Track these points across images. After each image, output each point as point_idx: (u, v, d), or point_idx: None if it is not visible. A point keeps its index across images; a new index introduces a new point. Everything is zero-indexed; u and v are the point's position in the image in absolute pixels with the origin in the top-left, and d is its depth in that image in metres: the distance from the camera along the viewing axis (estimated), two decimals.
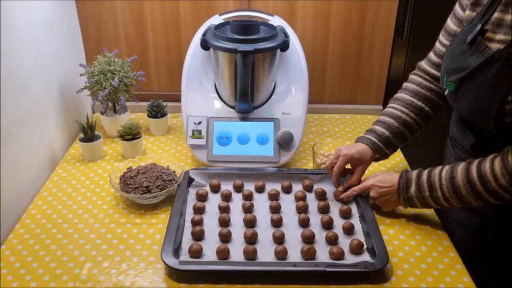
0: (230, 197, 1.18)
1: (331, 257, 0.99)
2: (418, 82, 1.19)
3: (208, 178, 1.24)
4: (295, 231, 1.07)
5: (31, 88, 1.23)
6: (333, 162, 1.18)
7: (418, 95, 1.18)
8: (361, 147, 1.16)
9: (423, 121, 1.18)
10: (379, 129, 1.17)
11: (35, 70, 1.25)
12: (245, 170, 1.26)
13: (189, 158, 1.38)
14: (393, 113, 1.18)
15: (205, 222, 1.10)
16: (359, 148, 1.16)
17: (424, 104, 1.17)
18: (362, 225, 1.09)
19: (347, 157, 1.16)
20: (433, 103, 1.17)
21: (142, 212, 1.15)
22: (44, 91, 1.31)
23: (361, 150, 1.16)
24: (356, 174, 1.17)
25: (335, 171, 1.17)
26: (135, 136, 1.35)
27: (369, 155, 1.16)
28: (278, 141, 1.30)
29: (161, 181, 1.17)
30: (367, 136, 1.18)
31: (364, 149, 1.16)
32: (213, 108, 1.35)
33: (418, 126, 1.18)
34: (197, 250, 0.99)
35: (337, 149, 1.19)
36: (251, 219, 1.09)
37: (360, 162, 1.17)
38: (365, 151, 1.16)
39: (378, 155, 1.18)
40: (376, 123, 1.20)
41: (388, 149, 1.17)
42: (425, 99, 1.17)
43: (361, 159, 1.16)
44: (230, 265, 0.96)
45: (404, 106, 1.17)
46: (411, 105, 1.17)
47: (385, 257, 0.97)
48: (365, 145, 1.16)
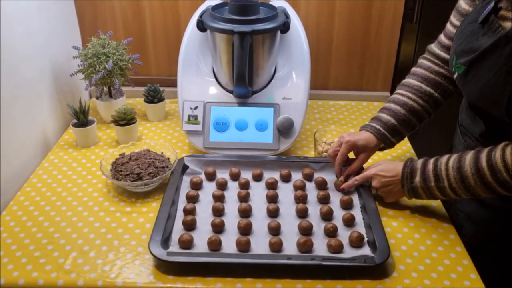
0: (225, 186, 1.13)
1: (329, 250, 0.94)
2: (427, 66, 1.12)
3: (203, 166, 1.19)
4: (292, 222, 1.02)
5: (21, 70, 1.18)
6: (336, 149, 1.12)
7: (427, 81, 1.11)
8: (366, 135, 1.11)
9: (432, 108, 1.11)
10: (384, 116, 1.11)
11: (25, 52, 1.20)
12: (243, 157, 1.20)
13: (186, 145, 1.33)
14: (400, 100, 1.11)
15: (198, 212, 1.05)
16: (364, 136, 1.10)
17: (434, 90, 1.10)
18: (364, 216, 1.03)
19: (350, 144, 1.10)
20: (443, 88, 1.10)
21: (133, 200, 1.11)
22: (36, 74, 1.27)
23: (365, 138, 1.10)
24: (357, 162, 1.11)
25: (338, 159, 1.11)
26: (130, 122, 1.30)
27: (373, 143, 1.10)
28: (277, 127, 1.24)
29: (153, 168, 1.12)
30: (371, 124, 1.12)
31: (368, 137, 1.10)
32: (210, 92, 1.29)
33: (426, 113, 1.11)
34: (187, 241, 0.94)
35: (340, 136, 1.13)
36: (246, 208, 1.03)
37: (364, 149, 1.10)
38: (369, 138, 1.10)
39: (383, 144, 1.12)
40: (382, 111, 1.13)
41: (394, 137, 1.11)
42: (434, 85, 1.10)
43: (364, 146, 1.10)
44: (220, 257, 0.90)
45: (411, 92, 1.11)
46: (419, 91, 1.10)
47: (386, 251, 0.91)
48: (369, 133, 1.11)
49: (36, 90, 1.26)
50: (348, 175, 1.13)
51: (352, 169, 1.12)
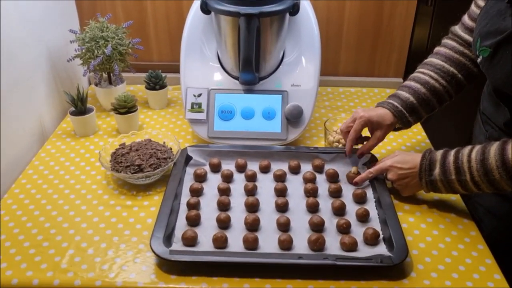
0: (231, 178, 1.07)
1: (342, 248, 0.88)
2: (451, 46, 1.06)
3: (207, 156, 1.12)
4: (302, 217, 0.96)
5: (15, 56, 1.12)
6: (349, 125, 1.06)
7: (451, 60, 1.05)
8: (382, 111, 1.04)
9: (454, 90, 1.05)
10: (403, 94, 1.05)
11: (19, 37, 1.13)
12: (249, 148, 1.14)
13: (189, 134, 1.27)
14: (421, 78, 1.05)
15: (202, 206, 0.99)
16: (379, 112, 1.04)
17: (457, 70, 1.04)
18: (378, 211, 0.97)
19: (364, 119, 1.03)
20: (467, 70, 1.04)
21: (134, 193, 1.05)
22: (31, 59, 1.20)
23: (381, 114, 1.04)
24: (372, 139, 1.05)
25: (350, 135, 1.05)
26: (130, 110, 1.24)
27: (389, 119, 1.03)
28: (286, 116, 1.18)
29: (155, 159, 1.06)
30: (388, 101, 1.06)
31: (385, 113, 1.04)
32: (214, 79, 1.22)
33: (447, 94, 1.05)
34: (191, 238, 0.88)
35: (354, 111, 1.06)
36: (253, 202, 0.97)
37: (379, 126, 1.03)
38: (385, 115, 1.03)
39: (399, 123, 1.05)
40: (401, 88, 1.07)
41: (411, 116, 1.04)
42: (458, 65, 1.04)
43: (380, 123, 1.03)
44: (226, 256, 0.85)
45: (433, 71, 1.05)
46: (441, 70, 1.04)
47: (404, 249, 0.85)
48: (386, 109, 1.04)
49: (31, 77, 1.20)
50: (362, 153, 1.07)
51: (366, 148, 1.06)
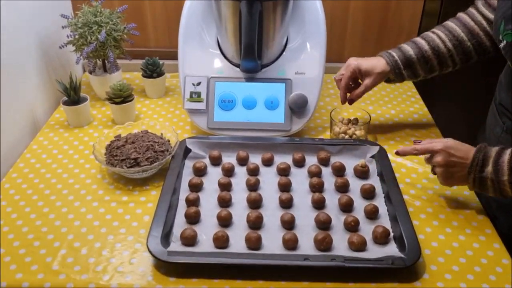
0: (232, 172, 1.01)
1: (351, 247, 0.83)
2: (471, 13, 1.03)
3: (207, 149, 1.07)
4: (308, 214, 0.91)
5: (5, 43, 1.05)
6: (342, 73, 1.08)
7: (464, 26, 1.02)
8: (374, 60, 1.06)
9: (459, 57, 1.02)
10: (404, 46, 1.05)
11: (8, 22, 1.07)
12: (251, 139, 1.08)
13: (188, 124, 1.21)
14: (428, 36, 1.05)
15: (201, 202, 0.94)
16: (372, 61, 1.06)
17: (468, 38, 1.01)
18: (388, 207, 0.92)
19: (353, 66, 1.05)
20: (479, 41, 1.01)
21: (131, 188, 1.00)
22: (21, 46, 1.14)
23: (372, 62, 1.05)
24: (361, 87, 1.06)
25: (341, 84, 1.07)
26: (126, 99, 1.18)
27: (380, 67, 1.04)
28: (290, 105, 1.12)
29: (152, 152, 1.01)
30: (388, 51, 1.07)
31: (377, 62, 1.05)
32: (214, 66, 1.16)
33: (451, 60, 1.03)
34: (191, 237, 0.83)
35: (348, 60, 1.08)
36: (256, 198, 0.92)
37: (368, 74, 1.05)
38: (377, 63, 1.05)
39: (392, 74, 1.04)
40: (406, 42, 1.07)
41: (406, 69, 1.03)
42: (470, 33, 1.01)
43: (369, 71, 1.04)
44: (227, 258, 0.80)
45: (443, 32, 1.03)
46: (451, 33, 1.02)
47: (416, 250, 0.80)
48: (381, 58, 1.05)
49: (22, 65, 1.14)
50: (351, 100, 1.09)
51: (354, 95, 1.07)
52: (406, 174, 1.03)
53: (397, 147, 1.07)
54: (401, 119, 1.24)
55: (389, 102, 1.31)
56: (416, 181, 1.01)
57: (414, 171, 1.04)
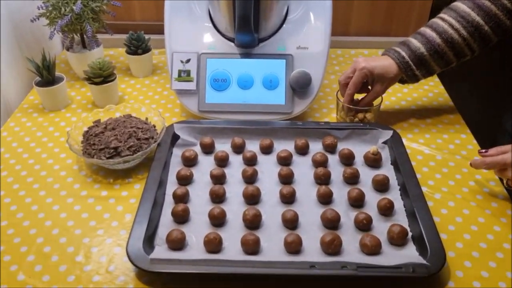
0: (226, 161, 0.90)
1: (363, 250, 0.72)
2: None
3: (198, 135, 0.95)
4: (313, 210, 0.79)
5: None
6: (348, 76, 0.95)
7: (479, 8, 0.89)
8: (386, 62, 0.94)
9: (477, 44, 0.90)
10: (414, 42, 0.93)
11: None
12: (248, 123, 0.96)
13: (178, 107, 1.09)
14: (438, 26, 0.92)
15: (191, 197, 0.82)
16: (383, 62, 0.94)
17: (484, 21, 0.88)
18: (405, 202, 0.80)
19: (366, 71, 0.93)
20: (497, 22, 0.88)
21: (111, 181, 0.88)
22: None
23: (384, 65, 0.94)
24: (372, 94, 0.95)
25: (349, 88, 0.95)
26: (107, 79, 1.05)
27: (393, 72, 0.93)
28: (291, 84, 0.99)
29: (134, 140, 0.88)
30: (396, 49, 0.95)
31: (389, 64, 0.94)
32: (205, 41, 1.03)
33: (468, 48, 0.91)
34: (178, 240, 0.72)
35: (354, 61, 0.96)
36: (253, 193, 0.80)
37: (380, 79, 0.94)
38: (389, 66, 0.93)
39: (404, 76, 0.94)
40: (414, 35, 0.95)
41: (419, 69, 0.93)
42: (487, 15, 0.88)
43: (382, 75, 0.93)
44: (220, 266, 0.68)
45: (455, 19, 0.91)
46: (465, 18, 0.89)
47: (440, 254, 0.69)
48: (391, 59, 0.94)
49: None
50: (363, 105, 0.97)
51: (364, 103, 0.96)
52: (423, 162, 0.91)
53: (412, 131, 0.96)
54: (415, 98, 1.11)
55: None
56: (435, 170, 0.89)
57: (432, 159, 0.92)
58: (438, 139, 0.97)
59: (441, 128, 1.01)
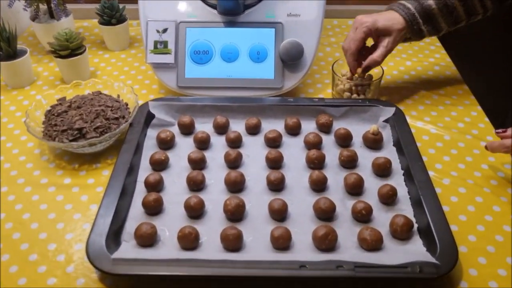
0: (207, 143, 0.79)
1: (362, 245, 0.62)
2: None
3: (176, 114, 0.84)
4: (305, 199, 0.69)
5: None
6: (352, 38, 0.84)
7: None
8: (389, 14, 0.84)
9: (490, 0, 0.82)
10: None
11: None
12: (232, 100, 0.85)
13: (156, 83, 0.98)
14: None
15: (166, 185, 0.72)
16: (386, 15, 0.84)
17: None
18: (409, 188, 0.70)
19: (368, 25, 0.82)
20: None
21: (76, 166, 0.78)
22: None
23: (388, 17, 0.84)
24: (380, 49, 0.83)
25: (350, 47, 0.84)
26: (75, 52, 0.94)
27: (399, 24, 0.83)
28: (281, 56, 0.88)
29: (102, 120, 0.78)
30: (401, 2, 0.85)
31: (393, 16, 0.84)
32: (184, 8, 0.91)
33: (481, 5, 0.82)
34: (148, 235, 0.62)
35: (355, 20, 0.85)
36: (237, 179, 0.70)
37: (386, 32, 0.83)
38: (394, 18, 0.83)
39: (409, 31, 0.84)
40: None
41: (425, 24, 0.83)
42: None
43: (387, 28, 0.82)
44: (196, 266, 0.58)
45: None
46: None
47: (451, 250, 0.59)
48: (395, 12, 0.84)
49: None
50: (367, 67, 0.84)
51: (373, 60, 0.83)
52: (429, 143, 0.81)
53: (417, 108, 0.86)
54: (419, 72, 1.00)
55: (403, 51, 1.07)
56: (443, 151, 0.79)
57: (439, 139, 0.82)
58: (446, 117, 0.87)
59: (449, 104, 0.90)
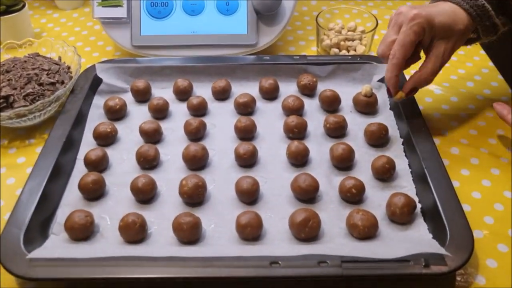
0: (165, 112, 0.66)
1: (352, 233, 0.49)
2: None
3: (130, 78, 0.70)
4: (281, 175, 0.56)
5: None
6: (393, 40, 0.57)
7: None
8: (447, 7, 0.58)
9: None
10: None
11: None
12: (196, 60, 0.71)
13: (111, 44, 0.84)
14: None
15: (112, 163, 0.59)
16: (443, 8, 0.57)
17: None
18: (410, 160, 0.57)
19: (421, 21, 0.55)
20: None
21: (5, 143, 0.64)
22: None
23: (447, 12, 0.57)
24: (433, 60, 0.57)
25: (395, 55, 0.56)
26: (12, 8, 0.79)
27: (462, 21, 0.57)
28: (255, 7, 0.74)
29: (35, 86, 0.64)
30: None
31: (454, 11, 0.57)
32: None
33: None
34: (80, 226, 0.49)
35: (397, 12, 0.58)
36: (197, 155, 0.57)
37: (444, 34, 0.57)
38: (455, 14, 0.57)
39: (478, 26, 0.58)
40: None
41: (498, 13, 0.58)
42: None
43: (447, 27, 0.56)
44: (139, 265, 0.45)
45: None
46: None
47: (466, 238, 0.46)
48: (453, 4, 0.58)
49: None
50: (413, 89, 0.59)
51: (423, 79, 0.58)
52: (433, 106, 0.68)
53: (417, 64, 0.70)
54: None
55: None
56: (451, 116, 0.66)
57: (445, 101, 0.69)
58: (452, 75, 0.73)
59: (455, 61, 0.76)
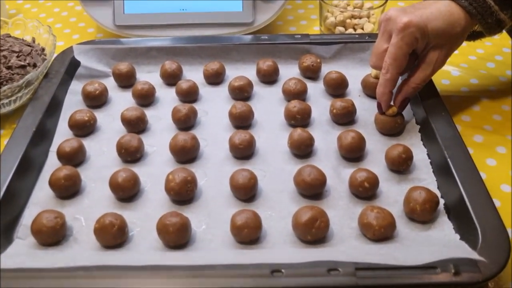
0: (151, 98, 0.59)
1: (366, 233, 0.42)
2: None
3: (112, 60, 0.63)
4: (283, 169, 0.50)
5: None
6: (384, 49, 0.51)
7: None
8: (441, 6, 0.51)
9: None
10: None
11: None
12: (186, 41, 0.64)
13: (93, 26, 0.77)
14: None
15: (90, 155, 0.52)
16: (439, 8, 0.50)
17: None
18: (429, 149, 0.50)
19: (413, 31, 0.49)
20: None
21: None
22: None
23: (442, 14, 0.50)
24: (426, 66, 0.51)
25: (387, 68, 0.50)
26: None
27: (459, 24, 0.50)
28: None
29: (2, 69, 0.57)
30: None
31: (449, 11, 0.50)
32: None
33: None
34: (49, 229, 0.42)
35: (385, 18, 0.51)
36: (186, 145, 0.50)
37: (441, 40, 0.50)
38: (450, 14, 0.50)
39: (480, 24, 0.51)
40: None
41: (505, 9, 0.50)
42: None
43: (442, 32, 0.50)
44: (110, 278, 0.38)
45: None
46: None
47: (500, 238, 0.39)
48: (450, 1, 0.51)
49: None
50: (405, 100, 0.53)
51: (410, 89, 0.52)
52: (451, 89, 0.61)
53: None
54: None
55: None
56: (471, 99, 0.59)
57: (464, 83, 0.62)
58: (471, 56, 0.66)
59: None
